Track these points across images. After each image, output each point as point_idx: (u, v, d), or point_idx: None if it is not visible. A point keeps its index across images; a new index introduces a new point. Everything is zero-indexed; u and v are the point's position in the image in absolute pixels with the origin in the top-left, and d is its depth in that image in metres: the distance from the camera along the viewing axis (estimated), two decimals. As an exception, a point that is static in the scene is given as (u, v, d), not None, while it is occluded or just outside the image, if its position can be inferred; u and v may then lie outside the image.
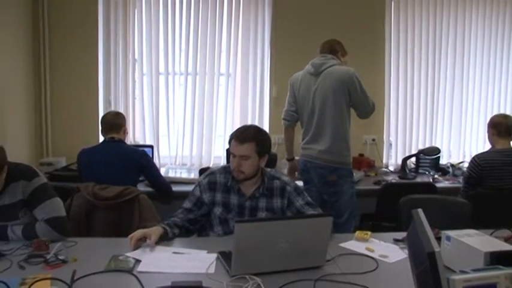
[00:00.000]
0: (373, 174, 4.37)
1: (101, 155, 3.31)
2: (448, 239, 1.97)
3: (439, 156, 4.55)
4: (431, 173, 4.35)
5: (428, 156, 4.46)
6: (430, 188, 3.83)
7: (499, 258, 1.72)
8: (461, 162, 4.65)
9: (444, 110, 4.90)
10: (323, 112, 3.33)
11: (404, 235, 2.17)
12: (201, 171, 3.91)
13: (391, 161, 4.88)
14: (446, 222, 2.32)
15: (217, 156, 4.65)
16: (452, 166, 4.47)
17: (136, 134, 4.67)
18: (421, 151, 4.48)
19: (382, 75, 4.77)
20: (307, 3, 4.68)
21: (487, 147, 3.76)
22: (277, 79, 4.61)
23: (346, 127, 3.36)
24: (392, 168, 4.72)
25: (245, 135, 2.39)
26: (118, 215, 2.90)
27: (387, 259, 2.10)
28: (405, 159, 4.44)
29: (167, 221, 2.37)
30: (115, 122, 3.41)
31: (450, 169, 4.42)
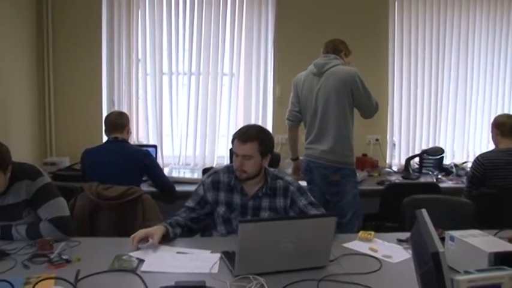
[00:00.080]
0: (377, 174, 4.37)
1: (104, 154, 3.31)
2: (452, 239, 1.97)
3: (443, 157, 4.54)
4: (435, 173, 4.34)
5: (432, 157, 4.45)
6: (433, 188, 3.83)
7: (503, 259, 1.72)
8: (465, 162, 4.63)
9: (448, 110, 4.88)
10: (326, 112, 3.32)
11: (408, 235, 2.17)
12: (205, 171, 3.91)
13: (395, 161, 4.87)
14: (450, 223, 2.31)
15: (221, 156, 4.65)
16: (456, 166, 4.46)
17: (140, 133, 4.68)
18: (424, 151, 4.47)
19: (386, 75, 4.77)
20: (310, 3, 4.67)
21: (490, 147, 3.75)
22: (281, 79, 4.61)
23: (349, 127, 3.35)
24: (395, 168, 4.72)
25: (248, 134, 2.40)
26: (121, 215, 2.90)
27: (391, 259, 2.10)
28: (409, 159, 4.43)
29: (170, 220, 2.36)
30: (118, 121, 3.41)
31: (454, 169, 4.41)
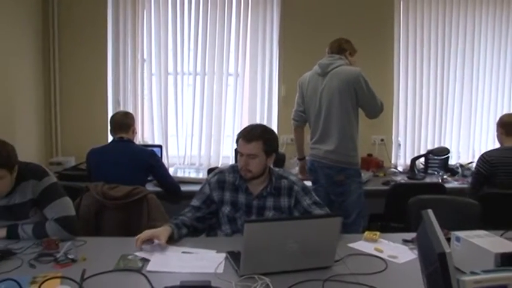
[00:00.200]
0: (382, 174, 4.36)
1: (109, 154, 3.33)
2: (458, 239, 1.96)
3: (448, 157, 4.52)
4: (440, 174, 4.32)
5: (437, 157, 4.43)
6: (439, 188, 3.81)
7: (510, 260, 1.72)
8: (471, 162, 4.61)
9: (453, 110, 4.87)
10: (329, 113, 3.32)
11: (414, 236, 2.17)
12: (210, 171, 3.90)
13: (400, 161, 4.86)
14: (456, 223, 2.30)
15: (226, 156, 4.65)
16: (462, 166, 4.44)
17: (145, 133, 4.69)
18: (430, 151, 4.46)
19: (391, 75, 4.75)
20: (315, 4, 4.67)
21: (496, 147, 3.73)
22: (286, 79, 4.61)
23: (353, 127, 3.35)
24: (401, 168, 4.70)
25: (252, 134, 2.40)
26: (127, 215, 2.91)
27: (396, 260, 2.09)
28: (414, 160, 4.42)
29: (176, 221, 2.35)
30: (124, 121, 3.42)
31: (459, 169, 4.40)
